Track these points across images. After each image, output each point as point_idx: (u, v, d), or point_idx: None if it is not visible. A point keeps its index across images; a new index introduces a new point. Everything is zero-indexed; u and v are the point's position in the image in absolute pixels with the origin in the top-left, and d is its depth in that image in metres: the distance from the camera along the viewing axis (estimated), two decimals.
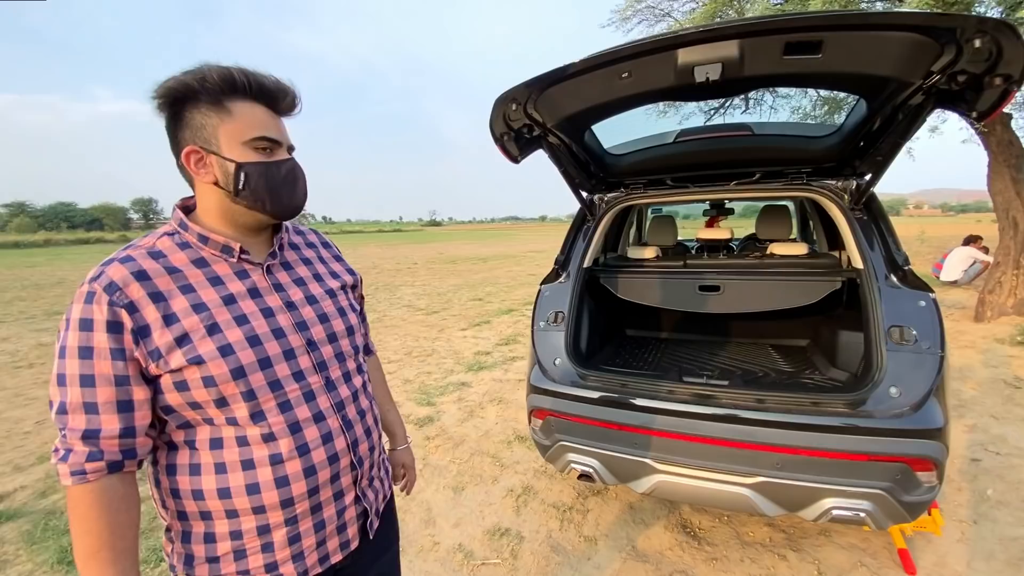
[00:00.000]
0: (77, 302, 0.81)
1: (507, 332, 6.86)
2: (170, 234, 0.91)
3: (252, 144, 0.89)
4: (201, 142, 0.87)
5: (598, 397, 2.19)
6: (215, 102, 0.86)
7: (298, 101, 0.96)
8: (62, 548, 2.42)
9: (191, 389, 0.84)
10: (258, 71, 0.89)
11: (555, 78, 1.73)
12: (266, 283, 0.96)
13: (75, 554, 0.80)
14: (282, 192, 0.93)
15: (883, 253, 2.09)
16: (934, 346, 1.84)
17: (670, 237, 3.39)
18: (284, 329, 0.94)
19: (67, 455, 0.79)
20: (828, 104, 7.19)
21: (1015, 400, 3.90)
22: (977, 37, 1.34)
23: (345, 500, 1.01)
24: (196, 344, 0.83)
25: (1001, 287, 6.25)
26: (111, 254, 0.87)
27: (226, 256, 0.92)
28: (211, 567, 0.90)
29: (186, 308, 0.85)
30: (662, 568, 2.23)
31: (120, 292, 0.81)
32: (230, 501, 0.87)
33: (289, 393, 0.92)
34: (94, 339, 0.79)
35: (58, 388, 0.80)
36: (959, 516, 2.50)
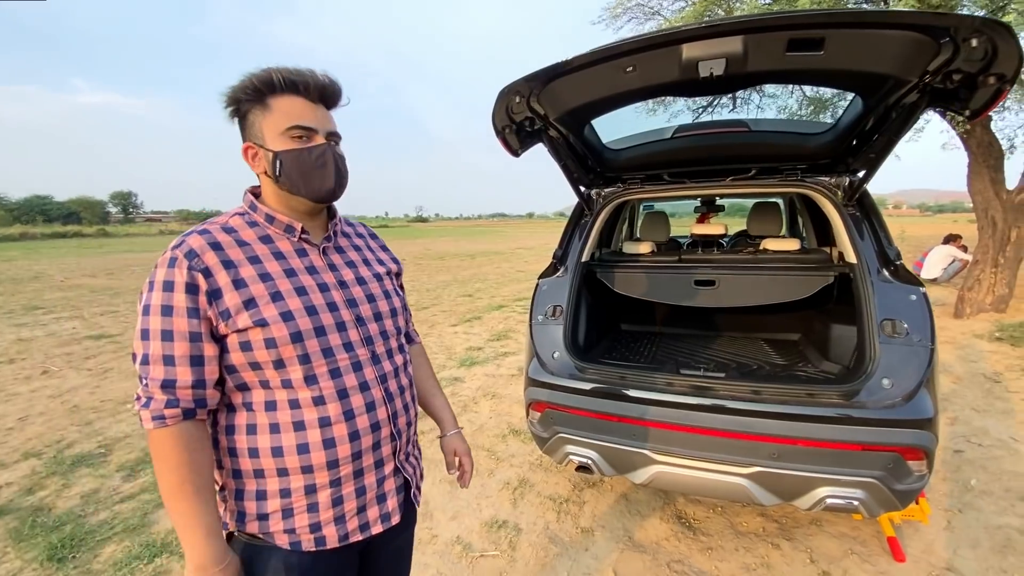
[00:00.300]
0: (161, 266, 0.91)
1: (498, 328, 6.87)
2: (241, 214, 1.03)
3: (288, 133, 0.97)
4: (253, 138, 0.99)
5: (596, 389, 2.21)
6: (260, 101, 0.97)
7: (336, 90, 1.02)
8: (51, 545, 2.38)
9: (254, 349, 0.93)
10: (298, 68, 0.97)
11: (559, 71, 1.74)
12: (322, 262, 1.05)
13: (161, 491, 0.90)
14: (313, 176, 0.99)
15: (875, 248, 2.14)
16: (925, 339, 1.90)
17: (663, 233, 3.43)
18: (336, 303, 1.03)
19: (148, 402, 0.89)
20: (814, 103, 7.31)
21: (994, 393, 4.02)
22: (974, 37, 1.38)
23: (385, 469, 1.09)
24: (261, 308, 0.93)
25: (980, 284, 6.42)
26: (189, 228, 0.98)
27: (288, 235, 1.03)
28: (260, 524, 0.98)
29: (253, 276, 0.94)
30: (659, 558, 2.27)
31: (198, 258, 0.91)
32: (282, 460, 0.96)
33: (339, 361, 1.00)
34: (174, 299, 0.89)
35: (141, 342, 0.90)
36: (945, 505, 2.57)
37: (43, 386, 4.76)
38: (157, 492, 2.83)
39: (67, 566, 2.27)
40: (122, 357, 5.71)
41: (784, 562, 2.21)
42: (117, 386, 4.73)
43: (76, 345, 6.27)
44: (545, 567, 2.24)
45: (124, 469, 3.14)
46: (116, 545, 2.41)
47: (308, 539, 0.99)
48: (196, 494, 0.90)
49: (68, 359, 5.66)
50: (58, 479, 3.03)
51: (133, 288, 11.44)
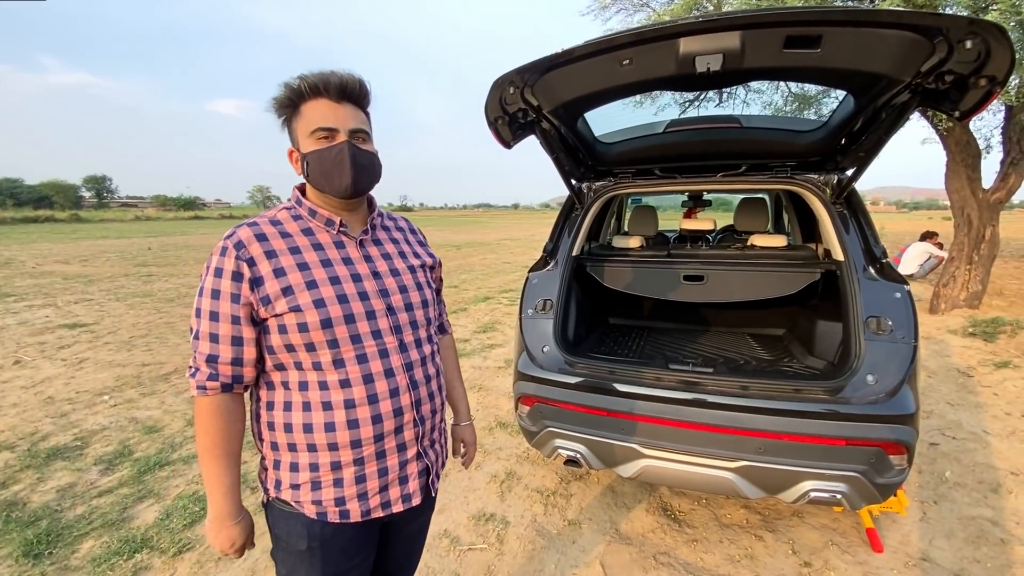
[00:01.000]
0: (216, 254, 1.02)
1: (484, 320, 6.85)
2: (288, 208, 1.13)
3: (314, 136, 1.05)
4: (293, 144, 1.10)
5: (586, 384, 2.21)
6: (295, 109, 1.06)
7: (356, 85, 1.06)
8: (27, 540, 2.31)
9: (288, 333, 1.02)
10: (326, 71, 1.03)
11: (555, 62, 1.71)
12: (358, 253, 1.13)
13: (197, 449, 1.07)
14: (332, 173, 1.06)
15: (862, 246, 2.17)
16: (908, 336, 1.93)
17: (651, 227, 3.43)
18: (368, 293, 1.10)
19: (195, 373, 1.02)
20: (799, 100, 7.37)
21: (968, 388, 4.14)
22: (968, 38, 1.39)
23: (407, 453, 1.15)
24: (296, 295, 1.02)
25: (955, 281, 6.58)
26: (240, 221, 1.08)
27: (328, 228, 1.11)
28: (293, 492, 1.08)
29: (292, 265, 1.04)
30: (645, 550, 2.29)
31: (244, 248, 1.02)
32: (311, 436, 1.05)
33: (366, 347, 1.07)
34: (221, 284, 1.01)
35: (195, 319, 1.03)
36: (921, 497, 2.64)
37: (15, 376, 4.62)
38: (137, 486, 2.80)
39: (43, 562, 2.21)
40: (98, 347, 5.56)
41: (767, 553, 2.25)
42: (93, 377, 4.61)
43: (49, 334, 6.08)
44: (533, 560, 2.25)
45: (102, 463, 3.06)
46: (94, 540, 2.36)
47: (333, 511, 1.08)
48: (223, 457, 1.04)
49: (41, 349, 5.49)
50: (32, 472, 2.95)
51: (107, 276, 11.14)
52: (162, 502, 2.66)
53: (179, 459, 3.10)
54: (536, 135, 2.22)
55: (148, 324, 6.65)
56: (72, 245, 19.65)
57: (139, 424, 3.60)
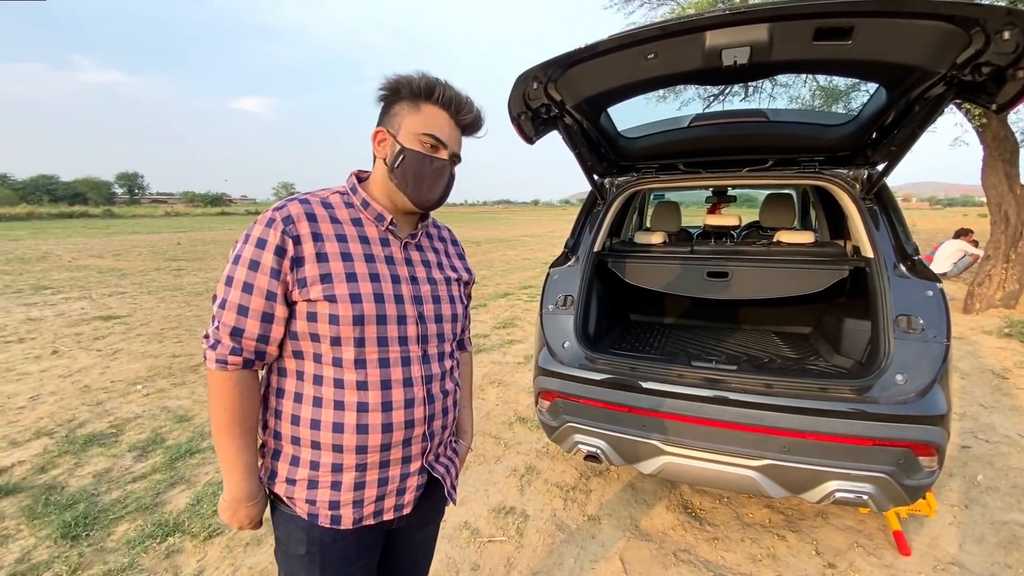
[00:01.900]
0: (259, 224, 0.97)
1: (504, 315, 6.88)
2: (341, 193, 1.09)
3: (421, 137, 1.03)
4: (389, 126, 1.05)
5: (607, 380, 2.21)
6: (413, 100, 1.03)
7: (480, 123, 1.11)
8: (65, 523, 2.41)
9: (318, 321, 0.98)
10: (459, 92, 1.05)
11: (579, 57, 1.71)
12: (400, 255, 1.10)
13: (212, 426, 1.01)
14: (424, 182, 1.05)
15: (893, 243, 2.12)
16: (940, 335, 1.88)
17: (674, 223, 3.40)
18: (403, 297, 1.07)
19: (216, 345, 0.97)
20: (828, 93, 7.20)
21: (1002, 390, 4.01)
22: (1007, 29, 1.35)
23: (411, 467, 1.11)
24: (334, 284, 0.98)
25: (990, 280, 6.36)
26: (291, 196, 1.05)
27: (378, 223, 1.08)
28: (287, 487, 1.04)
29: (336, 253, 1.00)
30: (665, 547, 2.28)
31: (292, 225, 0.97)
32: (317, 433, 1.01)
33: (391, 352, 1.04)
34: (263, 256, 0.96)
35: (224, 287, 0.97)
36: (951, 500, 2.58)
37: (53, 366, 4.81)
38: (169, 472, 2.89)
39: (81, 544, 2.31)
40: (131, 339, 5.75)
41: (790, 553, 2.23)
42: (126, 367, 4.77)
43: (85, 325, 6.31)
44: (552, 553, 2.26)
45: (136, 449, 3.18)
46: (129, 524, 2.45)
47: (325, 515, 1.04)
48: (241, 436, 1.00)
49: (77, 339, 5.70)
50: (70, 458, 3.07)
51: (140, 270, 11.49)
52: (193, 488, 2.75)
53: (208, 447, 3.19)
54: (559, 130, 2.22)
55: (178, 317, 6.85)
56: (105, 240, 20.32)
57: (170, 413, 3.72)
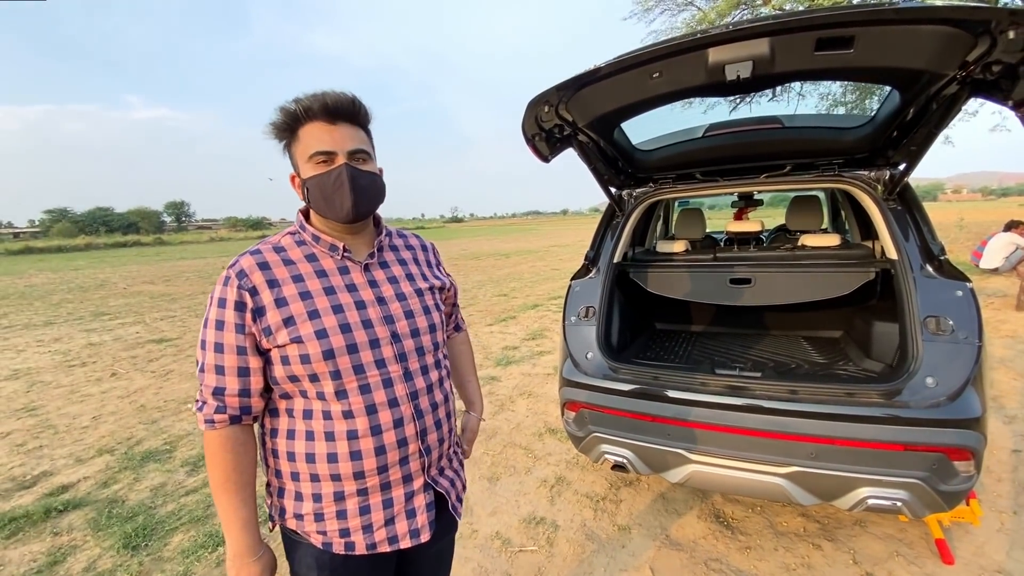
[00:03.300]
0: (218, 284, 1.01)
1: (533, 327, 6.93)
2: (292, 233, 1.11)
3: (312, 160, 1.02)
4: (294, 168, 1.07)
5: (631, 389, 2.23)
6: (292, 133, 1.03)
7: (348, 103, 1.03)
8: (126, 534, 2.59)
9: (291, 364, 1.00)
10: (318, 92, 1.01)
11: (586, 80, 1.78)
12: (362, 279, 1.10)
13: (210, 485, 1.02)
14: (333, 199, 1.03)
15: (918, 243, 2.08)
16: (971, 336, 1.84)
17: (698, 230, 3.40)
18: (372, 321, 1.06)
19: (202, 406, 1.00)
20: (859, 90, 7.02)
21: None
22: (1011, 28, 1.35)
23: (413, 485, 1.12)
24: (298, 326, 1.00)
25: None
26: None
27: (332, 253, 1.09)
28: (297, 522, 1.07)
29: (294, 294, 1.02)
30: (696, 556, 2.28)
31: (247, 278, 1.00)
32: (314, 466, 1.03)
33: (370, 378, 1.04)
34: (225, 315, 0.99)
35: (201, 351, 1.01)
36: (999, 507, 2.47)
37: (112, 387, 5.14)
38: None
39: (140, 554, 2.48)
40: (181, 360, 6.08)
41: (826, 563, 2.18)
42: (178, 387, 5.06)
43: (140, 349, 6.71)
44: (583, 563, 2.29)
45: (188, 464, 3.37)
46: (183, 535, 2.61)
47: (339, 543, 1.06)
48: (237, 492, 1.01)
49: (133, 362, 6.07)
50: (129, 473, 3.29)
51: (187, 294, 12.11)
52: None
53: None
54: (574, 148, 2.29)
55: None
56: (156, 266, 21.50)
57: None
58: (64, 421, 4.26)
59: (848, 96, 7.42)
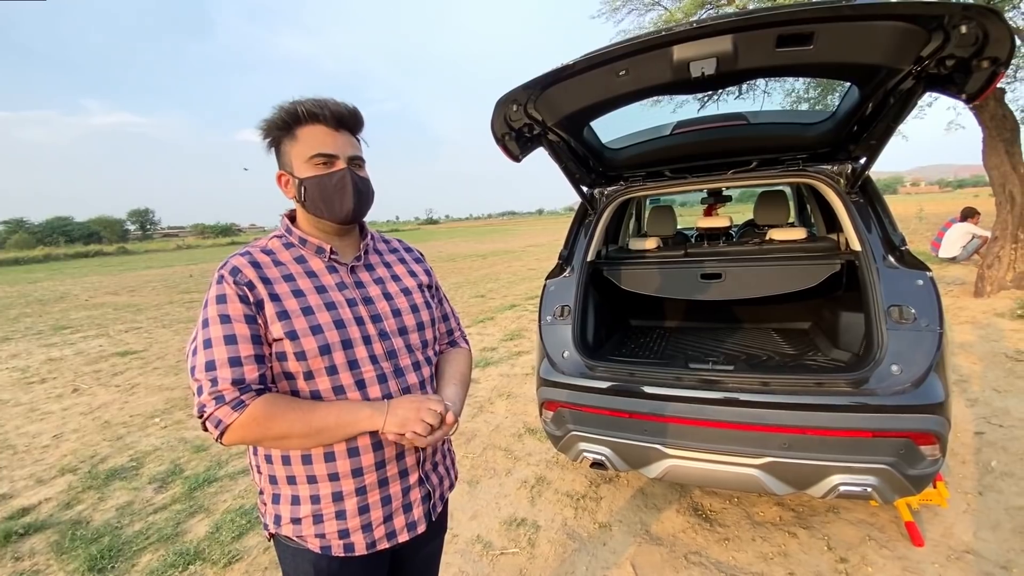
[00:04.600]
0: (213, 285, 1.00)
1: (511, 327, 6.92)
2: (279, 236, 1.13)
3: (312, 161, 1.05)
4: (284, 167, 1.08)
5: (607, 387, 2.24)
6: (289, 132, 1.05)
7: (354, 115, 1.08)
8: (91, 556, 2.48)
9: (287, 360, 1.01)
10: (320, 98, 1.04)
11: (553, 79, 1.77)
12: (350, 280, 1.13)
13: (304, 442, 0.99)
14: (333, 200, 1.06)
15: (880, 234, 2.14)
16: (932, 323, 1.89)
17: (670, 227, 3.44)
18: (363, 318, 1.09)
19: (220, 399, 0.94)
20: (821, 87, 7.21)
21: (1016, 373, 3.95)
22: (963, 23, 1.39)
23: (409, 479, 1.13)
24: (293, 321, 1.01)
25: (1000, 261, 6.29)
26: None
27: (320, 255, 1.11)
28: (294, 527, 1.06)
29: (287, 292, 1.03)
30: (676, 550, 2.30)
31: (241, 274, 1.01)
32: (311, 467, 1.03)
33: (364, 373, 1.06)
34: (229, 308, 0.98)
35: (204, 351, 0.96)
36: (964, 488, 2.56)
37: (74, 403, 4.93)
38: (188, 502, 2.95)
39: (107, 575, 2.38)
40: (147, 373, 5.88)
41: (801, 550, 2.23)
42: (144, 401, 4.88)
43: (104, 363, 6.46)
44: (564, 562, 2.28)
45: (155, 481, 3.25)
46: (152, 554, 2.51)
47: (337, 544, 1.06)
48: (327, 407, 1.00)
49: (97, 377, 5.84)
50: (94, 493, 3.15)
51: (154, 304, 11.72)
52: (212, 516, 2.81)
53: (226, 475, 3.26)
54: (544, 147, 2.28)
55: None
56: (120, 276, 20.76)
57: (188, 444, 3.80)
58: (23, 440, 4.07)
59: (811, 92, 7.59)
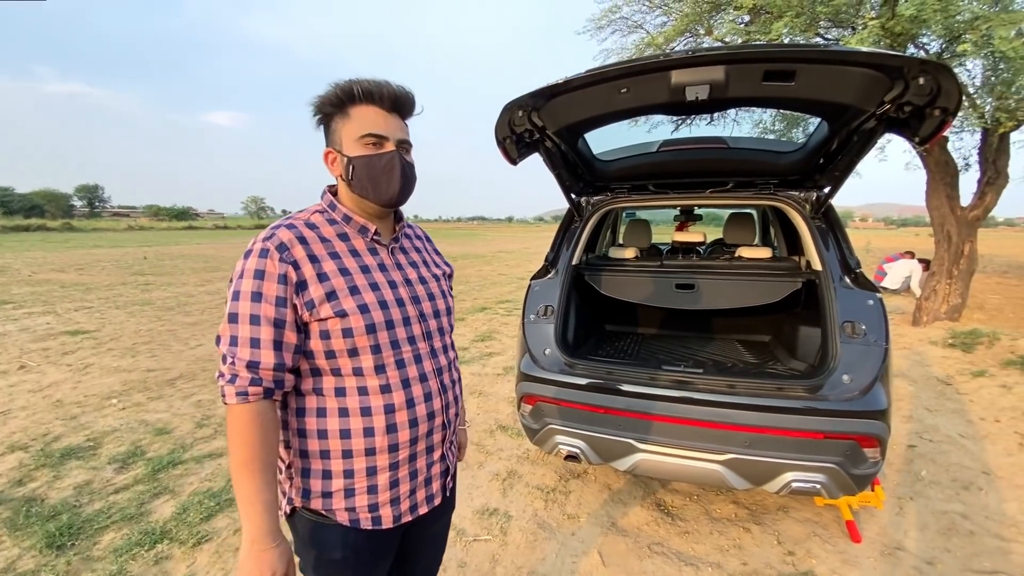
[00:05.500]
0: (254, 256, 0.98)
1: (482, 329, 7.00)
2: (321, 211, 1.11)
3: (362, 140, 1.05)
4: (333, 144, 1.08)
5: (585, 383, 2.37)
6: (341, 109, 1.05)
7: (409, 99, 1.09)
8: (49, 533, 2.41)
9: (332, 338, 1.01)
10: (376, 79, 1.05)
11: (560, 89, 1.90)
12: (391, 260, 1.15)
13: (231, 464, 0.97)
14: (380, 181, 1.07)
15: (839, 257, 2.36)
16: (880, 339, 2.11)
17: (645, 240, 3.62)
18: (403, 300, 1.12)
19: (234, 379, 0.96)
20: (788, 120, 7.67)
21: (946, 395, 4.34)
22: (921, 75, 1.60)
23: (434, 455, 1.19)
24: (341, 300, 1.02)
25: (936, 294, 6.83)
26: (275, 221, 1.06)
27: (362, 235, 1.12)
28: (324, 501, 1.06)
29: (334, 270, 1.03)
30: (640, 541, 2.44)
31: (288, 251, 0.99)
32: (348, 441, 1.04)
33: (404, 353, 1.09)
34: (264, 287, 0.97)
35: (229, 324, 0.97)
36: (898, 493, 2.81)
37: (21, 381, 4.70)
38: (152, 483, 2.90)
39: (67, 553, 2.32)
40: (101, 353, 5.64)
41: (754, 544, 2.40)
42: (99, 381, 4.70)
43: (52, 340, 6.16)
44: (535, 550, 2.39)
45: (116, 461, 3.17)
46: (115, 533, 2.47)
47: (366, 518, 1.08)
48: (261, 471, 0.96)
49: (45, 354, 5.57)
50: (48, 471, 3.04)
51: (105, 284, 11.19)
52: (178, 498, 2.77)
53: (191, 459, 3.21)
54: (540, 153, 2.41)
55: (150, 331, 6.74)
56: (66, 254, 19.63)
57: (149, 426, 3.70)
58: None
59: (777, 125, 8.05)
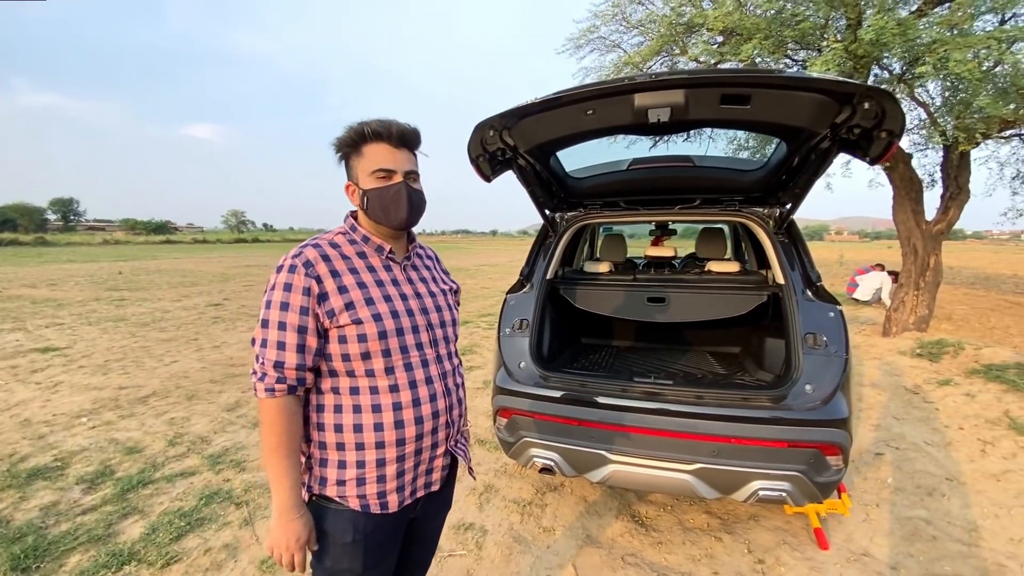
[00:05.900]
0: (284, 271, 1.15)
1: (463, 343, 7.00)
2: (343, 233, 1.29)
3: (375, 174, 1.22)
4: (351, 178, 1.26)
5: (559, 396, 2.41)
6: (356, 148, 1.23)
7: (413, 134, 1.25)
8: (14, 555, 2.35)
9: (348, 342, 1.18)
10: (385, 119, 1.21)
11: (529, 110, 1.97)
12: (403, 276, 1.32)
13: (263, 450, 1.16)
14: (390, 208, 1.24)
15: (801, 271, 2.45)
16: (840, 350, 2.19)
17: (620, 254, 3.70)
18: (413, 310, 1.28)
19: (263, 377, 1.14)
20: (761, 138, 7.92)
21: (913, 404, 4.47)
22: (866, 100, 1.70)
23: (438, 451, 1.33)
24: (358, 310, 1.18)
25: (904, 306, 7.04)
26: (304, 241, 1.24)
27: (379, 253, 1.29)
28: (338, 488, 1.22)
29: (352, 284, 1.20)
30: (614, 552, 2.46)
31: (312, 267, 1.16)
32: (360, 435, 1.20)
33: (412, 357, 1.25)
34: (291, 298, 1.14)
35: (262, 329, 1.15)
36: (864, 500, 2.89)
37: None
38: (120, 504, 2.86)
39: (32, 575, 2.26)
40: (72, 371, 5.52)
41: (725, 552, 2.45)
42: (69, 400, 4.59)
43: (21, 358, 6.00)
44: (510, 563, 2.39)
45: (83, 482, 3.10)
46: (81, 555, 2.41)
47: (375, 503, 1.22)
48: (288, 455, 1.15)
49: (13, 372, 5.42)
50: (13, 492, 2.97)
51: (78, 300, 10.93)
52: (147, 518, 2.72)
53: (162, 478, 3.16)
54: (513, 171, 2.47)
55: (123, 348, 6.60)
56: (38, 269, 19.14)
57: (119, 445, 3.63)
58: None
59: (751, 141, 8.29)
